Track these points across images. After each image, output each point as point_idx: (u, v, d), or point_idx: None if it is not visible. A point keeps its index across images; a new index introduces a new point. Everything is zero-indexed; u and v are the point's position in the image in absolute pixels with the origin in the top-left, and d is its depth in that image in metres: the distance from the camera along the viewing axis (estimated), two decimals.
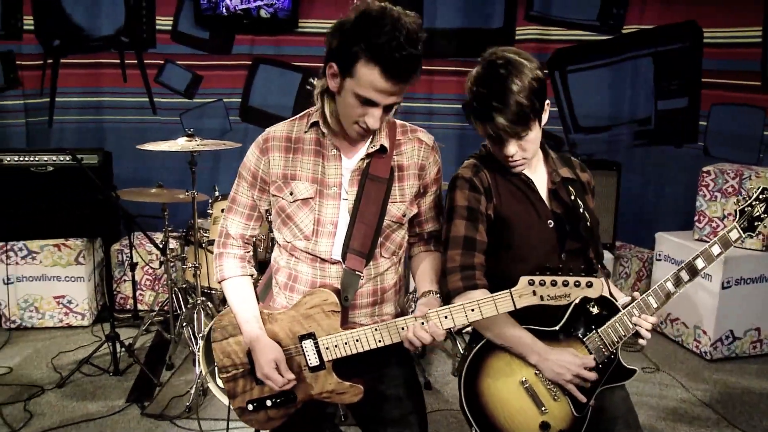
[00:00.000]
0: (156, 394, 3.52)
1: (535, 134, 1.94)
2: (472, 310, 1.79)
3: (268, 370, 1.89)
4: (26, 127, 5.17)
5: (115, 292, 4.71)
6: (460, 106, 5.26)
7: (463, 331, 4.03)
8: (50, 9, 5.05)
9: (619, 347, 2.01)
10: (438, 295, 1.96)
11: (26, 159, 4.08)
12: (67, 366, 3.85)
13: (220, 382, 2.26)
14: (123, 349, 3.79)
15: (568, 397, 1.96)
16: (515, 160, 1.97)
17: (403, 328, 1.83)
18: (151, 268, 4.67)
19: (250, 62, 5.27)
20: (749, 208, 2.07)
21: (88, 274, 4.43)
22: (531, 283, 1.72)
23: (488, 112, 1.85)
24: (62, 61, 5.16)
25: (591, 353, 1.98)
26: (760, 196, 2.07)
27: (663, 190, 5.22)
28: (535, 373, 1.96)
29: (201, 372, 3.16)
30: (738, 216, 2.08)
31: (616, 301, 2.04)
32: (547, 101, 1.95)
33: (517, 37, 5.20)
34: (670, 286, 2.01)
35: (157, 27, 5.21)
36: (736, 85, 4.81)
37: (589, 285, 1.70)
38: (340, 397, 1.95)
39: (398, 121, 2.05)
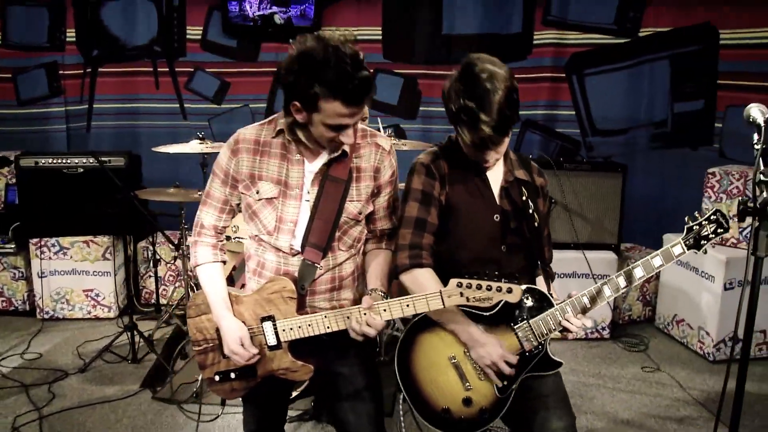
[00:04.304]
0: (168, 381, 3.79)
1: (509, 138, 2.13)
2: (407, 305, 2.00)
3: (234, 346, 2.11)
4: (67, 132, 5.59)
5: (141, 287, 5.04)
6: None
7: None
8: (90, 21, 5.42)
9: (548, 339, 2.14)
10: (382, 293, 2.13)
11: (59, 161, 4.38)
12: (90, 353, 4.17)
13: None
14: (142, 340, 4.06)
15: None
16: (489, 162, 2.19)
17: (348, 317, 2.03)
18: (174, 264, 4.94)
19: (275, 69, 5.48)
20: (698, 227, 2.16)
21: (115, 270, 4.74)
22: (459, 285, 1.92)
23: (477, 124, 2.01)
24: (100, 70, 5.53)
25: (519, 341, 2.11)
26: (711, 218, 2.16)
27: (679, 193, 5.21)
28: (464, 352, 2.16)
29: None
30: (685, 233, 2.18)
31: (552, 297, 2.17)
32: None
33: (534, 42, 5.28)
34: (607, 290, 2.17)
35: (188, 36, 5.52)
36: (752, 86, 4.83)
37: (509, 291, 1.88)
38: (293, 375, 2.16)
39: (360, 125, 2.19)
